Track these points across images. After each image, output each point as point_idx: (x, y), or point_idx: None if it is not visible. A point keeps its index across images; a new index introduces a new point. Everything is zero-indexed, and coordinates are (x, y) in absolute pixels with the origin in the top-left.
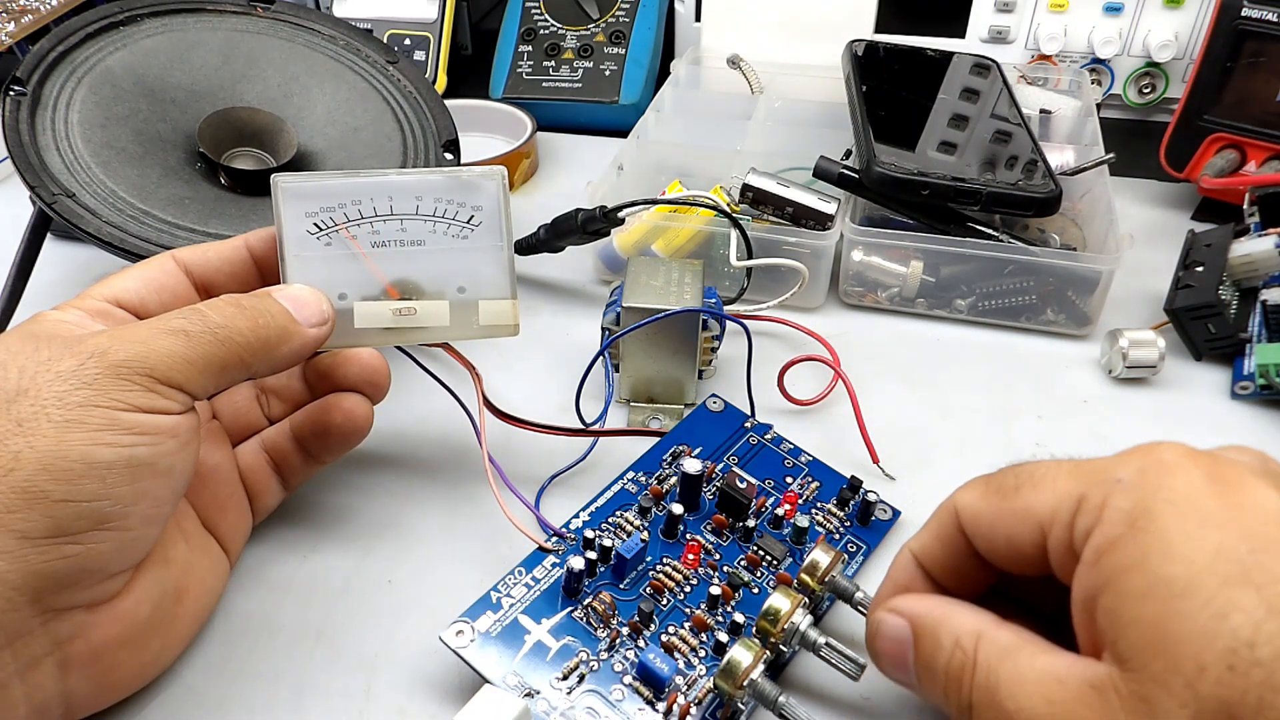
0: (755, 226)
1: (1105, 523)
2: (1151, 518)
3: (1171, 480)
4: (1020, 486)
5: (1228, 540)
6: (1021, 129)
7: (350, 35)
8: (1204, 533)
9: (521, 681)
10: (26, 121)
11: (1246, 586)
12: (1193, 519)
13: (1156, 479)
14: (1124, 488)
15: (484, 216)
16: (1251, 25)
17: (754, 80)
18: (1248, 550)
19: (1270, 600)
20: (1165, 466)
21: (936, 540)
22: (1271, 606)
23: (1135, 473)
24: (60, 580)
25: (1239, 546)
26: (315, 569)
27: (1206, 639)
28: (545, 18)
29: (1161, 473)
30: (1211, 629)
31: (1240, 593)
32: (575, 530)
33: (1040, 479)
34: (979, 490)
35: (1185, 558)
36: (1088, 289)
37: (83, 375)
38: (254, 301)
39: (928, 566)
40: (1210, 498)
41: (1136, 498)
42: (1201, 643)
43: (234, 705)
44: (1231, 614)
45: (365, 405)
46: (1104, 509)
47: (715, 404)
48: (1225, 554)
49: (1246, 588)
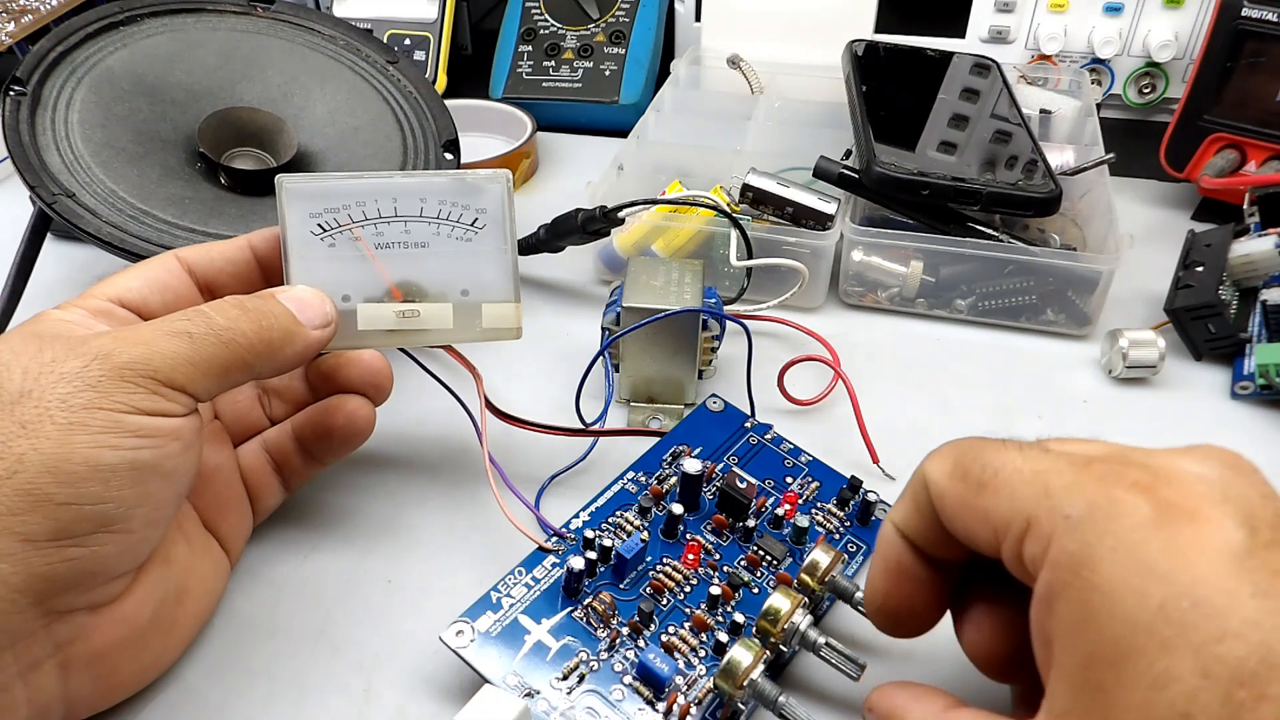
0: (755, 226)
1: (1052, 565)
2: (1095, 568)
3: (1117, 524)
4: (984, 485)
5: (1170, 595)
6: (1021, 129)
7: (350, 35)
8: (1147, 586)
9: (521, 681)
10: (26, 121)
11: (1185, 651)
12: (1135, 571)
13: (1104, 522)
14: (1071, 526)
15: (488, 219)
16: (1251, 25)
17: (754, 80)
18: (1190, 604)
19: (1207, 665)
20: (1112, 505)
21: (914, 510)
22: (1208, 671)
23: (1083, 510)
24: (63, 583)
25: (1181, 601)
26: (315, 569)
27: (1143, 710)
28: (545, 18)
29: (1108, 514)
30: (1149, 700)
31: (1177, 659)
32: (575, 530)
33: (1000, 485)
34: (947, 468)
35: (1127, 618)
36: (1088, 289)
37: (86, 377)
38: (258, 303)
39: (911, 537)
40: (1156, 543)
41: (1082, 541)
42: (1140, 714)
43: (234, 705)
44: (1170, 684)
45: (367, 407)
46: (1050, 546)
47: (715, 404)
48: (1167, 612)
49: (1185, 652)
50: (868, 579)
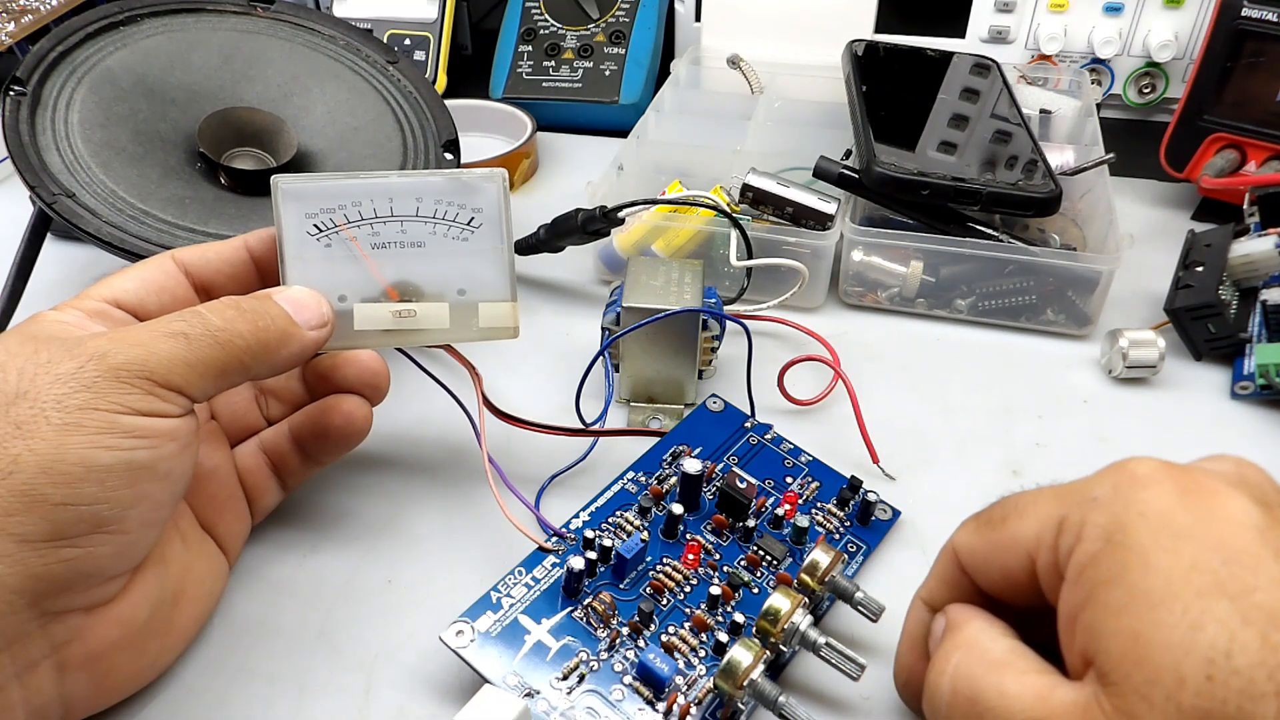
0: (755, 226)
1: (1084, 540)
2: (1127, 532)
3: (1144, 495)
4: (1007, 518)
5: (1201, 553)
6: (1021, 129)
7: (350, 35)
8: (1178, 545)
9: (521, 681)
10: (26, 121)
11: (1220, 597)
12: (1166, 532)
13: (1129, 494)
14: (1099, 505)
15: (484, 218)
16: (1251, 25)
17: (754, 80)
18: (1221, 562)
19: (1244, 610)
20: (1138, 481)
21: (942, 583)
22: (1246, 616)
23: (1110, 489)
24: (59, 583)
25: (1212, 558)
26: (315, 569)
27: (1184, 650)
28: (545, 18)
29: (1134, 488)
30: (1188, 640)
31: (1215, 603)
32: (575, 530)
33: (1024, 508)
34: (971, 527)
35: (1161, 569)
36: (1088, 289)
37: (82, 378)
38: (254, 304)
39: (939, 611)
40: (1182, 511)
41: (1111, 513)
42: (1179, 654)
43: (234, 705)
44: (1207, 625)
45: (364, 407)
46: (1083, 527)
47: (715, 404)
48: (1199, 566)
49: (1221, 598)
50: (896, 656)
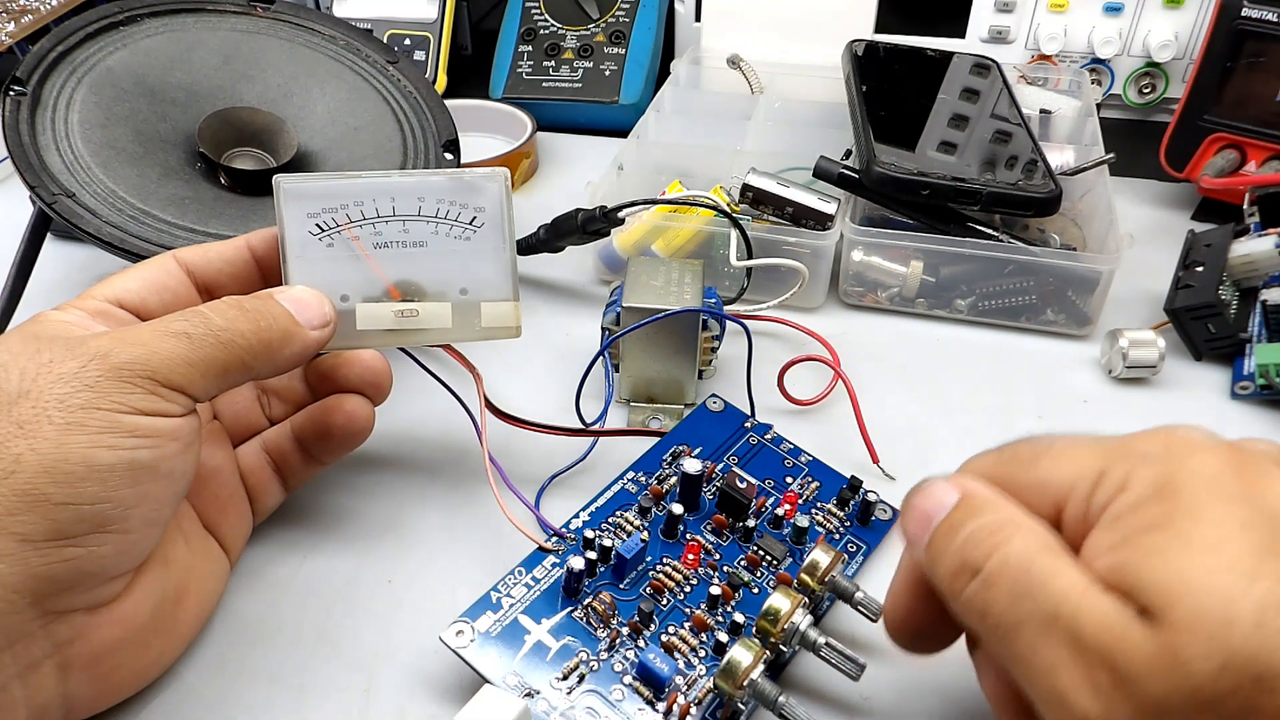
0: (755, 226)
1: (1129, 492)
2: (1178, 489)
3: (1197, 457)
4: (1038, 459)
5: (1253, 516)
6: (1021, 129)
7: (350, 35)
8: (1229, 507)
9: (521, 681)
10: (26, 121)
11: (1274, 557)
12: (1219, 493)
13: (1183, 455)
14: (1149, 461)
15: (486, 218)
16: (1251, 25)
17: (754, 80)
18: (1272, 529)
19: None
20: (1190, 445)
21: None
22: None
23: (1161, 448)
24: (61, 583)
25: (1264, 524)
26: (315, 569)
27: (1236, 596)
28: (545, 18)
29: (1188, 451)
30: (1241, 588)
31: (1269, 562)
32: (575, 530)
33: (1060, 452)
34: (994, 459)
35: (1214, 522)
36: (1088, 289)
37: (84, 378)
38: (256, 303)
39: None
40: (1233, 479)
41: (1162, 470)
42: (1230, 597)
43: (234, 705)
44: (1261, 578)
45: (366, 407)
46: (1128, 480)
47: (715, 404)
48: (1251, 526)
49: (1274, 558)
50: (889, 593)
